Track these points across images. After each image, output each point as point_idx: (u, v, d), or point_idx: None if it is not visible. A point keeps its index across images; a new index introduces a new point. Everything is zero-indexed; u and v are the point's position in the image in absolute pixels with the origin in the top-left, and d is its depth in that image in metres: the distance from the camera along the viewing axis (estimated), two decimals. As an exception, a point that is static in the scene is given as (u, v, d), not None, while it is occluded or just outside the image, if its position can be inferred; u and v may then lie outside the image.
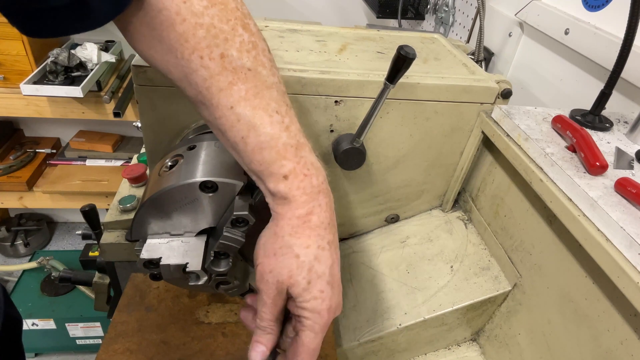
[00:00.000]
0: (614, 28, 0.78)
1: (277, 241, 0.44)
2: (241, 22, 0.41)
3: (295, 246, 0.44)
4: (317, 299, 0.44)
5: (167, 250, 0.51)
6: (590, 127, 0.67)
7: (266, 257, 0.44)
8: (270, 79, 0.43)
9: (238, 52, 0.41)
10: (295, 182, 0.43)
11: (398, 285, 0.77)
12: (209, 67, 0.40)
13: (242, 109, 0.41)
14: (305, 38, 0.81)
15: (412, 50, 0.55)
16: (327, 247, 0.45)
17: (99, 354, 0.64)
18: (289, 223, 0.44)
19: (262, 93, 0.42)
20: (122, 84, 1.77)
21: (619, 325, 0.50)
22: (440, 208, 0.87)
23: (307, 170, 0.44)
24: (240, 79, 0.41)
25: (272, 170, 0.43)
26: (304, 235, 0.44)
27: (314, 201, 0.44)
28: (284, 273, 0.43)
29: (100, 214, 0.84)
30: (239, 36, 0.41)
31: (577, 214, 0.53)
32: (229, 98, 0.41)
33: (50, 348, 1.86)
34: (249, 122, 0.41)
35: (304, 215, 0.44)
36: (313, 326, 0.44)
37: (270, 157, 0.42)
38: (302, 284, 0.44)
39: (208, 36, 0.39)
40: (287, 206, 0.44)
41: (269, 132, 0.42)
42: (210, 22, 0.39)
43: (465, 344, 0.79)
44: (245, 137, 0.42)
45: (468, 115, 0.74)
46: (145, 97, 0.64)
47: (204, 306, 0.73)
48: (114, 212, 0.80)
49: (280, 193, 0.43)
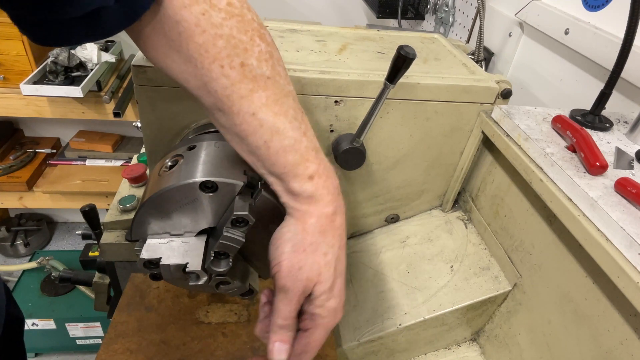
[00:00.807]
0: (614, 28, 0.78)
1: (306, 238, 0.45)
2: (258, 33, 0.42)
3: (323, 244, 0.45)
4: (336, 298, 0.46)
5: (167, 250, 0.51)
6: (590, 127, 0.67)
7: (295, 253, 0.44)
8: (287, 87, 0.44)
9: (257, 61, 0.42)
10: (320, 181, 0.45)
11: (398, 285, 0.77)
12: (230, 76, 0.41)
13: (264, 114, 0.42)
14: (305, 38, 0.81)
15: (412, 50, 0.55)
16: (344, 248, 0.47)
17: (99, 354, 0.64)
18: (319, 221, 0.45)
19: (281, 100, 0.43)
20: (122, 84, 1.77)
21: (619, 325, 0.50)
22: (440, 208, 0.87)
23: (327, 172, 0.46)
24: (260, 86, 0.42)
25: (297, 172, 0.44)
26: (329, 234, 0.46)
27: (337, 201, 0.46)
28: (314, 270, 0.44)
29: (100, 214, 0.84)
30: (257, 46, 0.42)
31: (577, 214, 0.53)
32: (250, 105, 0.42)
33: (50, 348, 1.86)
34: (272, 127, 0.43)
35: (331, 214, 0.46)
36: (327, 324, 0.46)
37: (294, 160, 0.44)
38: (329, 282, 0.45)
39: (228, 46, 0.40)
40: (314, 205, 0.45)
41: (292, 135, 0.43)
42: (229, 33, 0.40)
43: (465, 344, 0.79)
44: (269, 141, 0.43)
45: (468, 115, 0.74)
46: (145, 97, 0.64)
47: (204, 306, 0.73)
48: (114, 212, 0.80)
49: (307, 192, 0.44)
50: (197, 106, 0.66)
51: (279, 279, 0.45)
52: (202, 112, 0.66)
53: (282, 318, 0.45)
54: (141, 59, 0.63)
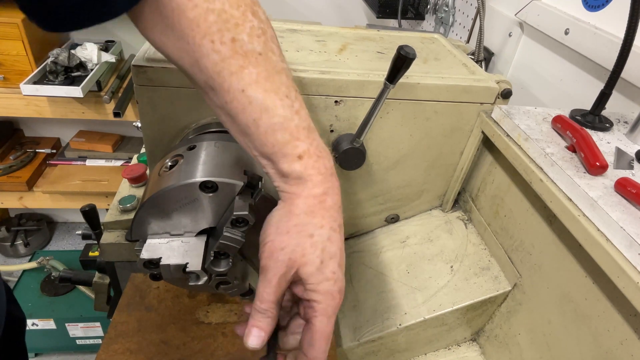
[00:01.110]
0: (614, 28, 0.78)
1: (291, 219, 0.43)
2: (251, 9, 0.42)
3: (309, 225, 0.43)
4: (330, 280, 0.43)
5: (167, 250, 0.51)
6: (590, 127, 0.67)
7: (278, 235, 0.43)
8: (280, 64, 0.43)
9: (249, 37, 0.41)
10: (309, 162, 0.43)
11: (398, 285, 0.77)
12: (220, 51, 0.40)
13: (253, 91, 0.41)
14: (305, 38, 0.81)
15: (412, 50, 0.55)
16: (337, 229, 0.45)
17: (99, 354, 0.64)
18: (305, 202, 0.44)
19: (273, 77, 0.42)
20: (122, 84, 1.77)
21: (619, 325, 0.50)
22: (440, 208, 0.87)
23: (319, 152, 0.44)
24: (251, 62, 0.41)
25: (285, 151, 0.43)
26: (318, 215, 0.44)
27: (328, 182, 0.44)
28: (298, 251, 0.43)
29: (100, 214, 0.84)
30: (249, 22, 0.41)
31: (577, 214, 0.53)
32: (240, 81, 0.41)
33: (50, 348, 1.86)
34: (261, 105, 0.41)
35: (320, 195, 0.44)
36: (326, 309, 0.43)
37: (283, 139, 0.42)
38: (315, 264, 0.43)
39: (219, 21, 0.40)
40: (302, 185, 0.44)
41: (282, 113, 0.42)
42: (221, 8, 0.40)
43: (465, 344, 0.79)
44: (257, 119, 0.42)
45: (468, 115, 0.74)
46: (145, 97, 0.64)
47: (204, 306, 0.73)
48: (114, 212, 0.80)
49: (295, 172, 0.43)
50: (197, 106, 0.66)
51: (261, 261, 0.44)
52: (202, 112, 0.67)
53: (260, 301, 0.43)
54: (141, 59, 0.63)
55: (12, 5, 1.61)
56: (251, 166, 0.53)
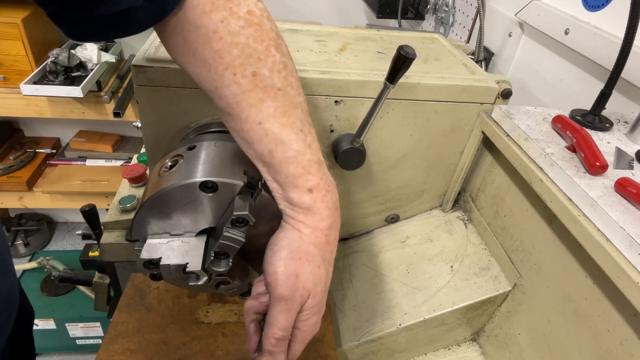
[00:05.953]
0: (614, 28, 0.78)
1: (301, 246, 0.45)
2: (274, 43, 0.43)
3: (317, 257, 0.46)
4: (319, 315, 0.46)
5: (167, 250, 0.51)
6: (590, 127, 0.67)
7: (292, 260, 0.44)
8: (297, 98, 0.45)
9: (269, 72, 0.42)
10: (319, 195, 0.45)
11: (398, 285, 0.77)
12: (241, 84, 0.41)
13: (270, 125, 0.43)
14: (305, 38, 0.81)
15: (412, 50, 0.55)
16: (332, 264, 0.48)
17: (99, 354, 0.64)
18: (314, 234, 0.46)
19: (290, 112, 0.44)
20: (122, 84, 1.77)
21: (619, 325, 0.50)
22: (440, 208, 0.87)
23: (328, 186, 0.46)
24: (270, 97, 0.42)
25: (297, 183, 0.45)
26: (323, 249, 0.46)
27: (333, 216, 0.47)
28: (310, 280, 0.44)
29: (100, 214, 0.84)
30: (272, 56, 0.42)
31: (577, 214, 0.53)
32: (258, 114, 0.42)
33: (50, 348, 1.86)
34: (277, 138, 0.43)
35: (326, 228, 0.46)
36: (306, 338, 0.46)
37: (296, 172, 0.44)
38: (320, 296, 0.45)
39: (242, 55, 0.41)
40: (310, 217, 0.46)
41: (296, 148, 0.44)
42: (245, 42, 0.41)
43: (465, 344, 0.79)
44: (273, 151, 0.44)
45: (468, 115, 0.74)
46: (145, 97, 0.64)
47: (204, 306, 0.73)
48: (114, 212, 0.80)
49: (304, 204, 0.45)
50: (197, 106, 0.66)
51: (276, 287, 0.44)
52: (202, 112, 0.67)
53: (280, 329, 0.44)
54: (141, 59, 0.63)
55: (12, 5, 1.61)
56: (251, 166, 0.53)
